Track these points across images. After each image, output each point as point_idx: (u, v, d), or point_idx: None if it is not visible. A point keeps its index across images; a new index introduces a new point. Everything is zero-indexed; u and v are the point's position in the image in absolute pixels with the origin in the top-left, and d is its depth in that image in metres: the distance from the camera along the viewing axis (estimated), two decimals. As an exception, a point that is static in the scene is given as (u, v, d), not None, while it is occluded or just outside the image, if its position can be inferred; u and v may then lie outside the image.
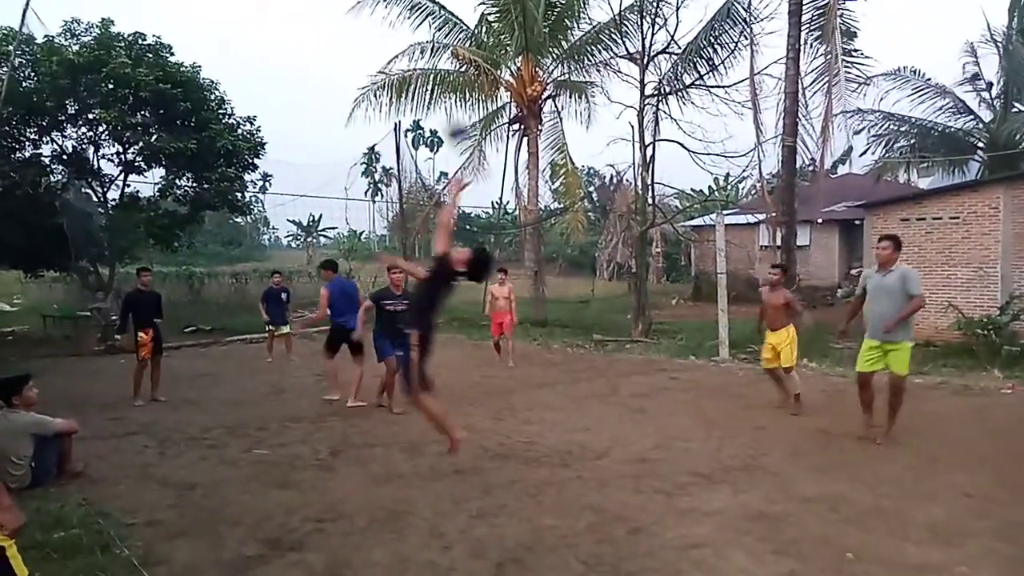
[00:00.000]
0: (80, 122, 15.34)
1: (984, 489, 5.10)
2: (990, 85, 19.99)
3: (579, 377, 10.69)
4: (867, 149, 21.50)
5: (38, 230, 14.66)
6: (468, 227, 42.33)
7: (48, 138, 15.47)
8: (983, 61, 19.89)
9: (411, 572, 3.89)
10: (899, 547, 4.11)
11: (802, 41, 12.54)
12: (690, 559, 3.99)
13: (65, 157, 15.74)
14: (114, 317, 13.11)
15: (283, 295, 13.16)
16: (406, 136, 23.86)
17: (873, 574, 3.77)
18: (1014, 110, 19.44)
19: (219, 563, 4.06)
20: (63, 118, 15.07)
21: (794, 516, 4.63)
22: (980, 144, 19.99)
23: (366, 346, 8.56)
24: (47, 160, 15.63)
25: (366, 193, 64.79)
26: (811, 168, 14.89)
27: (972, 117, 20.07)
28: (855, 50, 13.41)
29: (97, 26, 15.25)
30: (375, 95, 18.75)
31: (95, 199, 16.55)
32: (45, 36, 14.64)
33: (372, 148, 40.72)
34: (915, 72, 19.83)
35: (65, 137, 15.66)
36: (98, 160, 16.16)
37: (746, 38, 14.32)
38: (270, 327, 13.00)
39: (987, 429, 7.01)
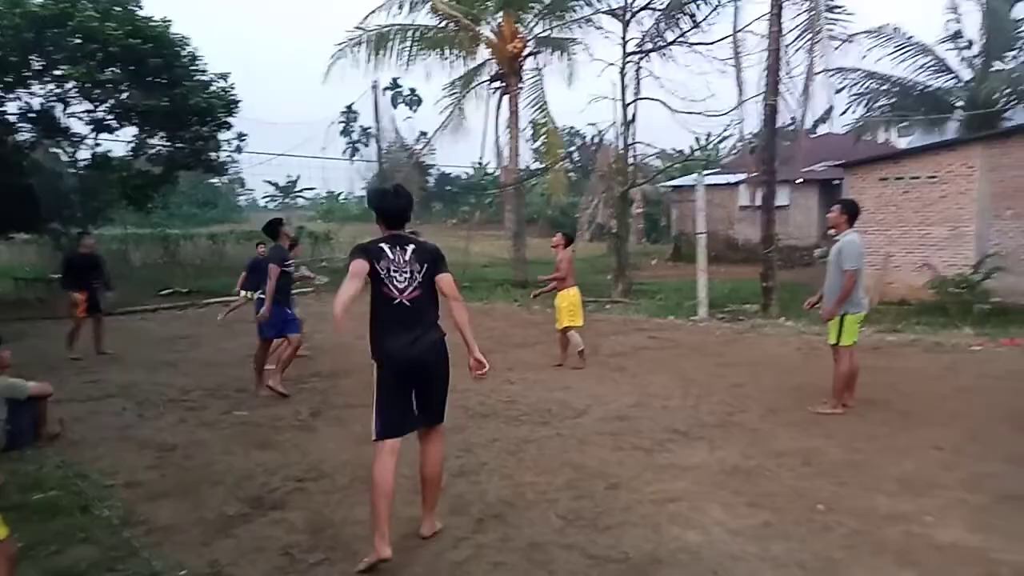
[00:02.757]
0: (47, 78, 14.83)
1: (954, 443, 5.23)
2: (971, 43, 19.94)
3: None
4: (847, 108, 21.44)
5: (6, 190, 14.27)
6: (448, 188, 42.00)
7: (13, 95, 14.96)
8: (965, 19, 19.83)
9: (392, 528, 3.92)
10: (870, 498, 4.22)
11: (785, -3, 12.35)
12: (667, 513, 4.07)
13: (32, 115, 15.28)
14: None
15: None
16: (384, 94, 23.46)
17: (844, 524, 3.87)
18: (993, 68, 19.41)
19: (201, 522, 4.08)
20: (28, 74, 14.54)
21: (769, 470, 4.73)
22: (959, 103, 20.00)
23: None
24: (13, 118, 15.16)
25: (344, 153, 63.81)
26: (791, 128, 14.79)
27: (952, 76, 20.04)
28: (837, 7, 13.24)
29: (61, -24, 14.68)
30: (352, 51, 18.35)
31: (65, 159, 16.16)
32: (7, -14, 14.07)
33: (350, 107, 40.06)
34: (897, 30, 19.71)
35: (32, 94, 15.16)
36: (67, 118, 15.75)
37: (729, -7, 14.09)
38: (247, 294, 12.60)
39: (957, 385, 7.16)
